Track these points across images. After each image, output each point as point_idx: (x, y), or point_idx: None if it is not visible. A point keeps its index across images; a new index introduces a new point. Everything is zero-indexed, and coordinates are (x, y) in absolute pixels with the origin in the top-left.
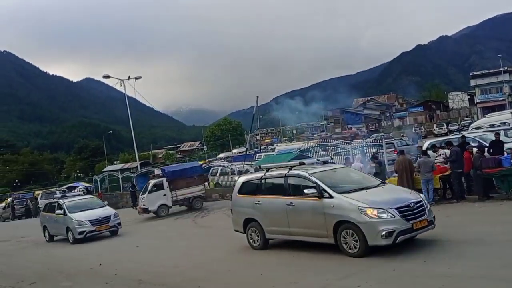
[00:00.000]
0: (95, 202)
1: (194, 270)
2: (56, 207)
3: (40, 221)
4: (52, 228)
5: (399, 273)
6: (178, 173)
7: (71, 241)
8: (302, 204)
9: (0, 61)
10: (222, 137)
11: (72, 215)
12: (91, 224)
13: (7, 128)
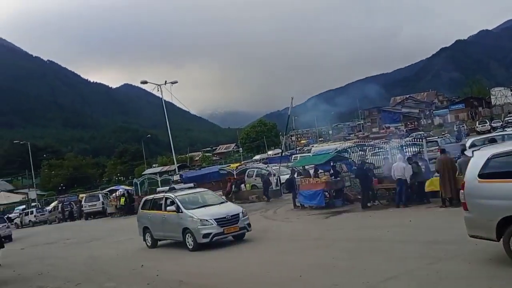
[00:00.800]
0: (212, 196)
1: (233, 271)
2: (164, 203)
3: (138, 222)
4: (158, 230)
5: (443, 275)
6: (195, 179)
7: (190, 247)
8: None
9: (45, 70)
10: (257, 139)
11: (190, 213)
12: (218, 225)
13: (52, 134)
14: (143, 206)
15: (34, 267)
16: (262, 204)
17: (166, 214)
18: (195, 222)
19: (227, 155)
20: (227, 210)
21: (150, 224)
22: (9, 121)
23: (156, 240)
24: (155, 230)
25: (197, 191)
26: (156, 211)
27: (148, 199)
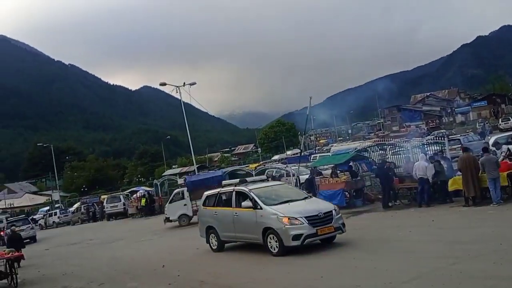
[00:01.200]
0: (293, 190)
1: (254, 271)
2: (235, 198)
3: (200, 222)
4: (228, 230)
5: (467, 275)
6: (198, 183)
7: (274, 251)
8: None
9: (66, 74)
10: (276, 139)
11: (273, 209)
12: (309, 224)
13: (74, 137)
14: (205, 202)
15: (58, 267)
16: None
17: (238, 211)
18: (281, 221)
19: (246, 155)
20: (318, 206)
21: (216, 224)
22: (33, 124)
23: (223, 242)
24: (223, 231)
25: (274, 184)
26: (224, 208)
27: (211, 194)
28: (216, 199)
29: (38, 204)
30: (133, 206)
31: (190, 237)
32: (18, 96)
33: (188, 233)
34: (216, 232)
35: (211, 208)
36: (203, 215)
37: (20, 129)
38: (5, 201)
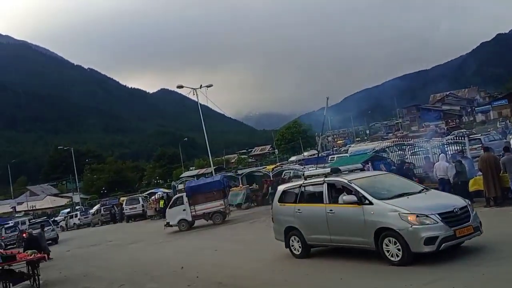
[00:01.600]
0: (402, 181)
1: (272, 273)
2: (328, 191)
3: (277, 222)
4: (319, 231)
5: (489, 277)
6: (196, 188)
7: (394, 259)
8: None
9: (86, 77)
10: (292, 140)
11: (390, 205)
12: (445, 223)
13: (93, 139)
14: (282, 198)
15: (79, 268)
16: None
17: (335, 207)
18: (406, 220)
19: (263, 157)
20: (448, 201)
21: (301, 224)
22: (54, 128)
23: (309, 247)
24: (310, 232)
25: (377, 174)
26: (312, 204)
27: (290, 188)
28: (298, 194)
29: (59, 206)
30: (151, 208)
31: (208, 238)
32: (39, 100)
33: (207, 234)
34: (300, 234)
35: (292, 205)
36: (280, 213)
37: (41, 132)
38: (27, 203)
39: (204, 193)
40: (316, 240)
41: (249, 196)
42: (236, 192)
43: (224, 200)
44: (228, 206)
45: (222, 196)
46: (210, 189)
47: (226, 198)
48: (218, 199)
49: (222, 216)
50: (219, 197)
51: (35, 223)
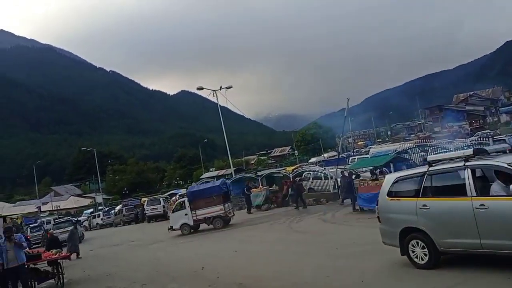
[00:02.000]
0: None
1: (293, 275)
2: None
3: (387, 221)
4: (461, 234)
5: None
6: (197, 194)
7: None
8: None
9: (108, 80)
10: (312, 141)
11: None
12: None
13: (115, 141)
14: (393, 189)
15: (102, 267)
16: (320, 207)
17: (489, 201)
18: None
19: (283, 158)
20: None
21: (429, 224)
22: (78, 130)
23: (439, 254)
24: (446, 235)
25: None
26: (447, 198)
27: (406, 177)
28: (421, 185)
29: (83, 206)
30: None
31: (228, 239)
32: (63, 103)
33: (226, 236)
34: (426, 238)
35: (412, 200)
36: (392, 210)
37: (65, 134)
38: (51, 203)
39: (205, 198)
40: (455, 246)
41: (269, 198)
42: (256, 193)
43: (225, 205)
44: (230, 211)
45: (222, 201)
46: (210, 194)
47: (227, 203)
48: (218, 204)
49: (223, 221)
50: (218, 202)
51: (60, 223)
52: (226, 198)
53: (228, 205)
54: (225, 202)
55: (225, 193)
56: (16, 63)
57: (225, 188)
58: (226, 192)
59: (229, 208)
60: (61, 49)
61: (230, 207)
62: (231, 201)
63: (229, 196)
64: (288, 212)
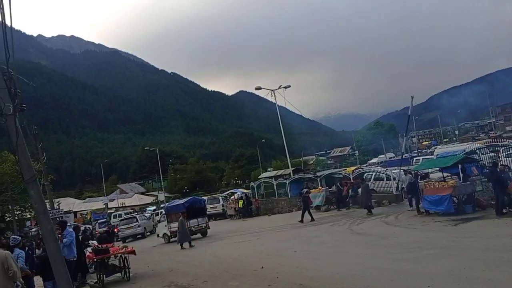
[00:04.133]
0: None
1: (354, 278)
2: None
3: None
4: None
5: None
6: (170, 209)
7: None
8: None
9: (170, 81)
10: (374, 141)
11: None
12: None
13: (176, 140)
14: None
15: (165, 263)
16: (382, 209)
17: None
18: None
19: (342, 158)
20: None
21: None
22: (141, 129)
23: None
24: None
25: None
26: None
27: None
28: None
29: (146, 204)
30: (231, 208)
31: (287, 240)
32: (127, 104)
33: (284, 235)
34: None
35: None
36: None
37: (129, 134)
38: (117, 200)
39: (175, 214)
40: None
41: (329, 199)
42: (315, 194)
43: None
44: (197, 226)
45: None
46: (177, 210)
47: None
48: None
49: None
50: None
51: (125, 219)
52: (192, 215)
53: (197, 221)
54: (190, 218)
55: (191, 210)
56: (85, 67)
57: (190, 206)
58: (194, 209)
59: (196, 224)
60: (126, 53)
61: (198, 222)
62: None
63: (200, 212)
64: (349, 214)
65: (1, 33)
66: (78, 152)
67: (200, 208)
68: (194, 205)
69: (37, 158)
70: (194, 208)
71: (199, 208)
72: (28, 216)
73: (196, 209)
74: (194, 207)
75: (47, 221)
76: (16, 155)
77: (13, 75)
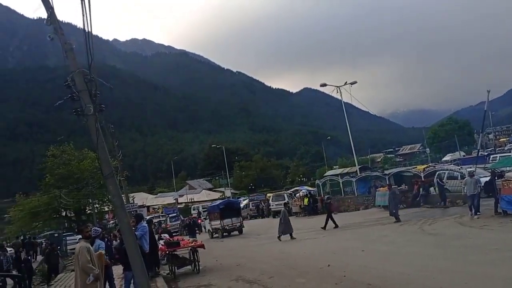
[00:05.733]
0: None
1: (425, 279)
2: None
3: None
4: None
5: None
6: (210, 210)
7: None
8: None
9: (235, 80)
10: (446, 138)
11: None
12: None
13: (241, 138)
14: None
15: (231, 258)
16: (456, 209)
17: None
18: None
19: (412, 156)
20: None
21: None
22: (207, 127)
23: None
24: None
25: None
26: None
27: None
28: None
29: (213, 200)
30: (296, 205)
31: (355, 239)
32: (195, 103)
33: (353, 234)
34: None
35: None
36: None
37: (197, 132)
38: (187, 196)
39: (214, 213)
40: None
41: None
42: (383, 192)
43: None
44: (232, 225)
45: (219, 217)
46: (214, 210)
47: (228, 219)
48: (217, 219)
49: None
50: (218, 217)
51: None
52: (225, 215)
53: (231, 220)
54: (223, 218)
55: (226, 211)
56: (156, 68)
57: (224, 207)
58: (229, 210)
59: (231, 223)
60: (193, 53)
61: (232, 222)
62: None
63: (235, 212)
64: (419, 214)
65: (84, 40)
66: (150, 150)
67: (235, 209)
68: (229, 207)
69: (114, 155)
70: (229, 209)
71: (233, 209)
72: (106, 209)
73: (231, 210)
74: (229, 208)
75: (124, 214)
76: (96, 153)
77: (93, 78)
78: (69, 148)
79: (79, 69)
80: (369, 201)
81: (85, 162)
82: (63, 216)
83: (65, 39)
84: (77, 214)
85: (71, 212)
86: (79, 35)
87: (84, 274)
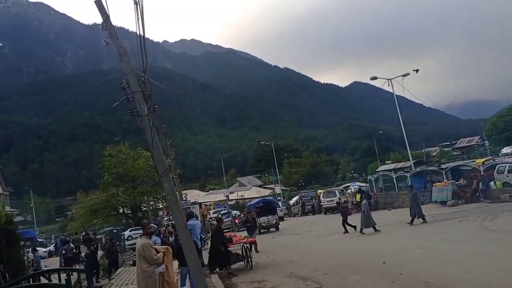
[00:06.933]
0: None
1: (485, 278)
2: None
3: None
4: None
5: None
6: (249, 207)
7: None
8: None
9: (282, 76)
10: (507, 130)
11: None
12: None
13: (290, 134)
14: None
15: (284, 255)
16: None
17: None
18: None
19: (470, 149)
20: None
21: None
22: (256, 124)
23: None
24: None
25: None
26: None
27: None
28: None
29: (264, 196)
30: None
31: (411, 235)
32: (243, 101)
33: (409, 231)
34: None
35: None
36: None
37: (246, 129)
38: (237, 193)
39: (250, 211)
40: None
41: (456, 193)
42: (440, 188)
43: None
44: (268, 222)
45: (256, 215)
46: (251, 209)
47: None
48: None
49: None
50: (255, 215)
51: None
52: (261, 213)
53: (267, 218)
54: (260, 216)
55: (263, 209)
56: (204, 68)
57: (261, 206)
58: (266, 208)
59: (267, 220)
60: (240, 51)
61: (268, 219)
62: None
63: (271, 211)
64: (479, 209)
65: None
66: (201, 148)
67: (271, 208)
68: (265, 205)
69: (167, 154)
70: (265, 208)
71: (270, 207)
72: (160, 206)
73: (267, 208)
74: (265, 206)
75: (179, 210)
76: (151, 152)
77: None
78: (124, 148)
79: (133, 71)
80: (425, 197)
81: (139, 161)
82: (120, 213)
83: (119, 43)
84: (133, 211)
85: (128, 209)
86: (132, 38)
87: (145, 269)
